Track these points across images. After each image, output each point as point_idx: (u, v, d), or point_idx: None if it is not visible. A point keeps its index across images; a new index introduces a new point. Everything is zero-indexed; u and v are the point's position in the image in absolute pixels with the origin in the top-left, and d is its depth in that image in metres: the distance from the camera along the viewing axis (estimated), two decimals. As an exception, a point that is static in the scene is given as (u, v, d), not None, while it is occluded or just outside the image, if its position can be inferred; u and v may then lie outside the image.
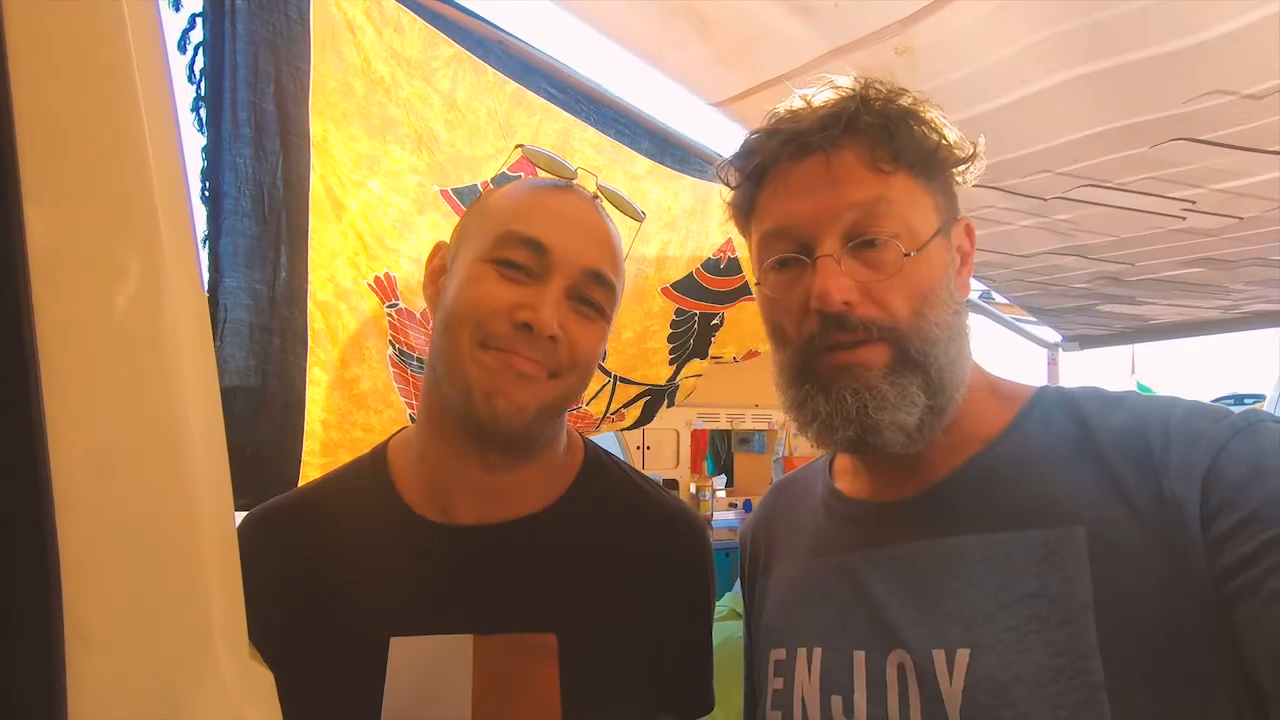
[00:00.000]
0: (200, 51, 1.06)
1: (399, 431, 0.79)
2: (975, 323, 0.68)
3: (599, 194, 0.76)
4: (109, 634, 0.32)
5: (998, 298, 3.01)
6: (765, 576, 0.77)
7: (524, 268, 0.68)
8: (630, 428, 1.95)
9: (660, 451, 4.13)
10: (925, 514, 0.63)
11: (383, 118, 1.23)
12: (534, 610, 0.68)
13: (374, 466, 0.75)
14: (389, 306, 1.28)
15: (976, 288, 2.77)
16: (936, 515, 0.63)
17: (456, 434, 0.70)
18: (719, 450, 4.80)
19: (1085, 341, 3.31)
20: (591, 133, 1.49)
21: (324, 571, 0.69)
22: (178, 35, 1.05)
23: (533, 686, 0.65)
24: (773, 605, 0.73)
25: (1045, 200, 1.66)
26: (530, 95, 1.39)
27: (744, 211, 0.68)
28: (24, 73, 0.31)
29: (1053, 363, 3.38)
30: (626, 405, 1.86)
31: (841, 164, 0.61)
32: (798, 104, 0.65)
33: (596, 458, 0.81)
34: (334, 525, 0.72)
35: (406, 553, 0.70)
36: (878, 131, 0.60)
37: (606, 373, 1.74)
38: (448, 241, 0.77)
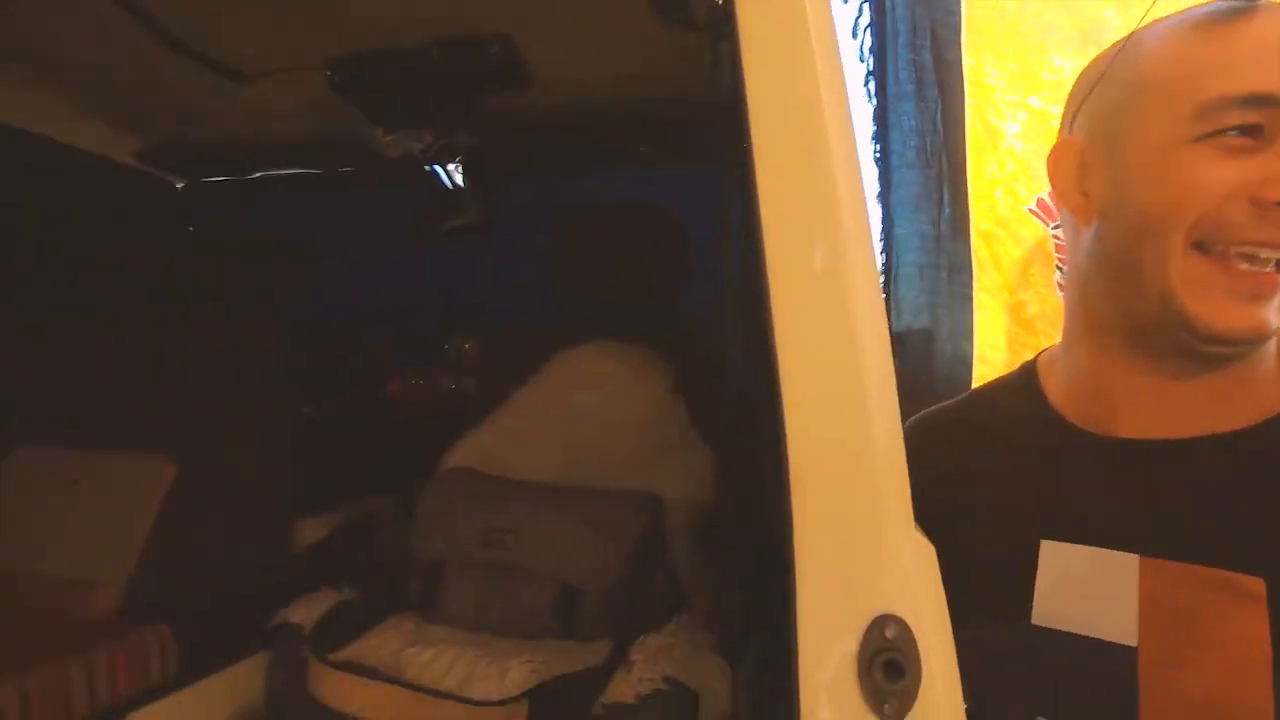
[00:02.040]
0: (868, 32, 1.23)
1: (1045, 349, 0.77)
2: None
3: None
4: (820, 506, 0.48)
5: None
6: None
7: (1258, 130, 0.55)
8: None
9: None
10: None
11: (1038, 25, 1.17)
12: (1227, 544, 0.57)
13: (1024, 379, 0.74)
14: (1054, 228, 1.22)
15: None
16: None
17: (1125, 347, 0.64)
18: None
19: None
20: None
21: (976, 469, 0.72)
22: (850, 24, 1.25)
23: (1227, 632, 0.55)
24: None
25: None
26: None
27: None
28: (756, 104, 0.48)
29: None
30: None
31: None
32: None
33: None
34: (985, 429, 0.75)
35: (1058, 460, 0.68)
36: None
37: None
38: (1074, 137, 0.67)
